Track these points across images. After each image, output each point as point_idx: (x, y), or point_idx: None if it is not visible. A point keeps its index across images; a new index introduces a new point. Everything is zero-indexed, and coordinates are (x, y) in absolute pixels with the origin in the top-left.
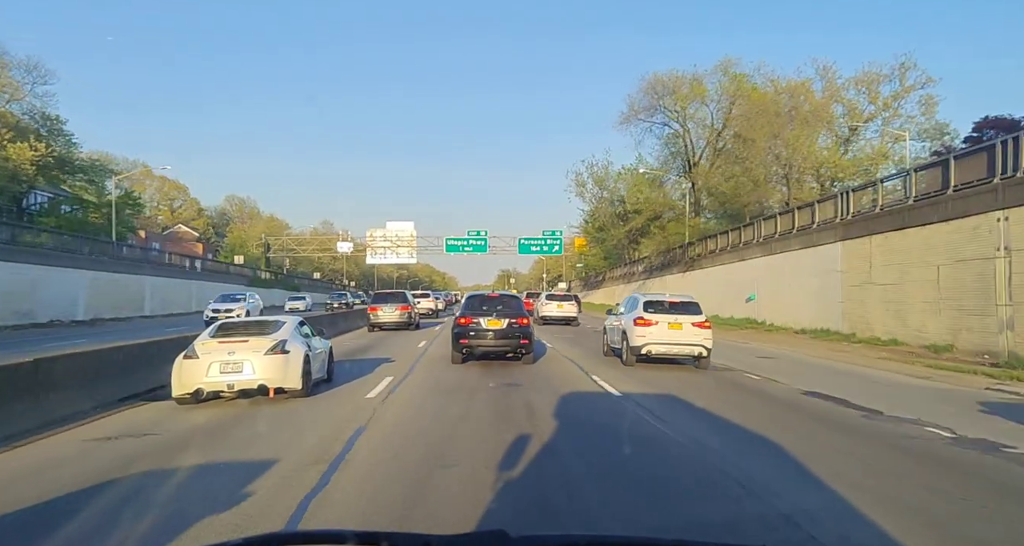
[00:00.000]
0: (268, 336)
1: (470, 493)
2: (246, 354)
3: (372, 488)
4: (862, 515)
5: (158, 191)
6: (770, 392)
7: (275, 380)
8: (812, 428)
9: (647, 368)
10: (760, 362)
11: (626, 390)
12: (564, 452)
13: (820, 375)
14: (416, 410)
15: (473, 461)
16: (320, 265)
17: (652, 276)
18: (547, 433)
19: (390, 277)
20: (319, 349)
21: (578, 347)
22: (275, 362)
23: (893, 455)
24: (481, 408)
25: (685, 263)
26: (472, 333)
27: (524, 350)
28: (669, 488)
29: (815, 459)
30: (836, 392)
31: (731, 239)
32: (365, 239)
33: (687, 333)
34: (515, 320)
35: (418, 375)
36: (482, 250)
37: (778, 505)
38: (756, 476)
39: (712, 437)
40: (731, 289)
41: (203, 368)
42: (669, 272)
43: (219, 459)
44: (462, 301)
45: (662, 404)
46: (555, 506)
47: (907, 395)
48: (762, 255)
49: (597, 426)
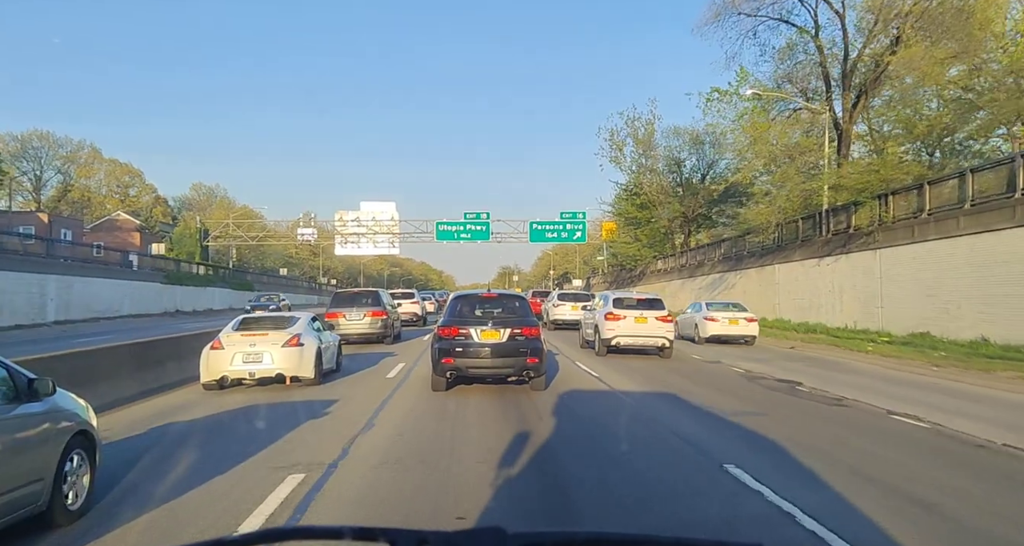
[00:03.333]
0: (285, 330)
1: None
2: (266, 346)
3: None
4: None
5: (109, 176)
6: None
7: (291, 370)
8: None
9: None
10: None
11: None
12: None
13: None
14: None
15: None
16: (293, 260)
17: (742, 265)
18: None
19: (379, 275)
20: (329, 342)
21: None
22: (291, 353)
23: None
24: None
25: (828, 243)
26: (459, 349)
27: (533, 372)
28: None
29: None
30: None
31: (942, 195)
32: (334, 224)
33: (652, 326)
34: (519, 330)
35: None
36: (483, 237)
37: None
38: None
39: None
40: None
41: (228, 358)
42: (782, 258)
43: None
44: (447, 303)
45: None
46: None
47: None
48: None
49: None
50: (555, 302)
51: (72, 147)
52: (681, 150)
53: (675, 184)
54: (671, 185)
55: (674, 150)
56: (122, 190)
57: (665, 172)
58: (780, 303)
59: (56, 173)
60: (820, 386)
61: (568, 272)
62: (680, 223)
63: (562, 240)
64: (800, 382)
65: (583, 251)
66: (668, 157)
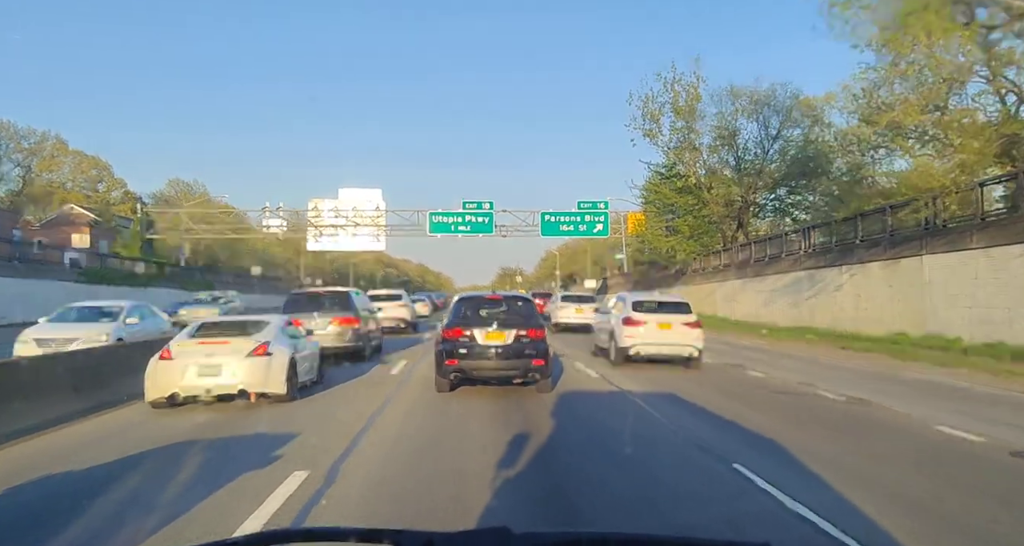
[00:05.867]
0: (251, 337)
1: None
2: (226, 356)
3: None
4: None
5: (75, 169)
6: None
7: (257, 384)
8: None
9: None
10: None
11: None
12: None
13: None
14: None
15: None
16: (278, 259)
17: (849, 258)
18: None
19: (372, 275)
20: (306, 351)
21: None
22: (257, 365)
23: None
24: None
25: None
26: (463, 351)
27: (539, 374)
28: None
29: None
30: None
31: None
32: (307, 214)
33: (677, 333)
34: (525, 332)
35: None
36: (485, 230)
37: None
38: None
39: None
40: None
41: (179, 370)
42: (944, 245)
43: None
44: (451, 305)
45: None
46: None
47: None
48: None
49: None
50: (559, 303)
51: (36, 138)
52: (736, 117)
53: (727, 163)
54: (723, 163)
55: (727, 118)
56: (90, 185)
57: (715, 146)
58: (937, 310)
59: (15, 166)
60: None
61: (575, 273)
62: (740, 208)
63: (580, 234)
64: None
65: (595, 250)
66: (720, 127)
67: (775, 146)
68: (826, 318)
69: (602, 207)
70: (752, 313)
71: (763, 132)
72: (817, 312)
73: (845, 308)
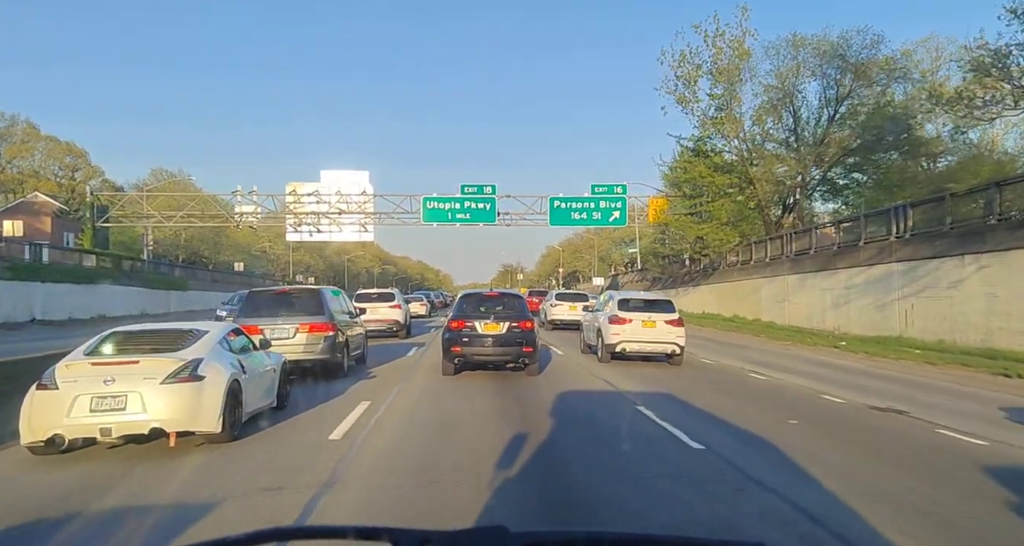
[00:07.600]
0: (173, 354)
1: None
2: (133, 382)
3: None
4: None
5: (48, 156)
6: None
7: (178, 421)
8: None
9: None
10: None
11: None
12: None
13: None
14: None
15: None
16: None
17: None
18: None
19: (368, 272)
20: (262, 368)
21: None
22: (178, 394)
23: None
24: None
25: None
26: (466, 339)
27: (528, 359)
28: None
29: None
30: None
31: None
32: (285, 199)
33: (660, 331)
34: (516, 323)
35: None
36: (487, 218)
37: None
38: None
39: None
40: None
41: (65, 403)
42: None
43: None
44: (455, 301)
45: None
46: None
47: None
48: None
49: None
50: (553, 302)
51: (5, 122)
52: (797, 74)
53: (778, 132)
54: (772, 133)
55: (785, 76)
56: (66, 173)
57: (763, 113)
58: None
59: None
60: None
61: (578, 271)
62: (797, 188)
63: (594, 222)
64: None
65: (602, 244)
66: (774, 87)
67: (841, 109)
68: (931, 325)
69: (619, 192)
70: (813, 316)
71: (831, 92)
72: (917, 318)
73: (968, 313)
